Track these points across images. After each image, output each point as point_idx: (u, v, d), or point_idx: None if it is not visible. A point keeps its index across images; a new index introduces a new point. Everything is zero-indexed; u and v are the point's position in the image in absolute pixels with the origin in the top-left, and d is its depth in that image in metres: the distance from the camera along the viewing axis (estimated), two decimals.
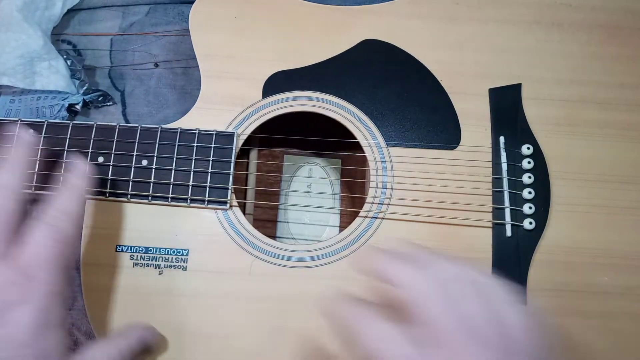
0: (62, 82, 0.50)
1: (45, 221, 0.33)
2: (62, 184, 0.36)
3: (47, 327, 0.31)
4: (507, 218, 0.42)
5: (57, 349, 0.31)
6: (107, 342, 0.36)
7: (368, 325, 0.29)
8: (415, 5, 0.46)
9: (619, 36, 0.46)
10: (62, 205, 0.34)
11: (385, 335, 0.28)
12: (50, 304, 0.32)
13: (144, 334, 0.37)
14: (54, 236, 0.33)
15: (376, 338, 0.28)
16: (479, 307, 0.28)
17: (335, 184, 0.52)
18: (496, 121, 0.44)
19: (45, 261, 0.32)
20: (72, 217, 0.34)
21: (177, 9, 0.55)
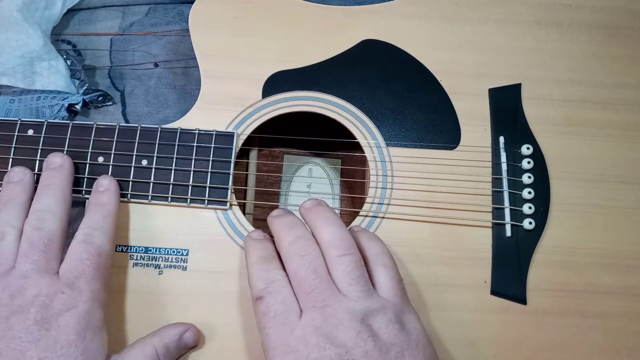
0: (62, 82, 0.50)
1: (79, 239, 0.38)
2: (90, 203, 0.40)
3: (90, 329, 0.35)
4: (507, 218, 0.42)
5: (100, 348, 0.35)
6: (143, 342, 0.38)
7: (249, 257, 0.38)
8: (415, 5, 0.46)
9: (619, 36, 0.46)
10: (93, 222, 0.39)
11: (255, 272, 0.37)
12: (92, 309, 0.36)
13: (180, 331, 0.38)
14: (89, 250, 0.37)
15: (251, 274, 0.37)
16: None
17: (335, 184, 0.52)
18: (496, 121, 0.44)
19: (84, 272, 0.36)
20: (102, 231, 0.39)
21: (177, 9, 0.55)
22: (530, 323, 0.41)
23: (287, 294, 0.35)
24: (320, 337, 0.33)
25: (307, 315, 0.34)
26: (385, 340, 0.33)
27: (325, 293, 0.34)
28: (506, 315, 0.41)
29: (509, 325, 0.41)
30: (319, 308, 0.34)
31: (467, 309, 0.41)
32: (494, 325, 0.41)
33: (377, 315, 0.34)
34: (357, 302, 0.34)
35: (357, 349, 0.32)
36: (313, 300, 0.34)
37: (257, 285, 0.36)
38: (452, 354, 0.40)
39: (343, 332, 0.33)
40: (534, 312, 0.41)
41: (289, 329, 0.34)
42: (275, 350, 0.34)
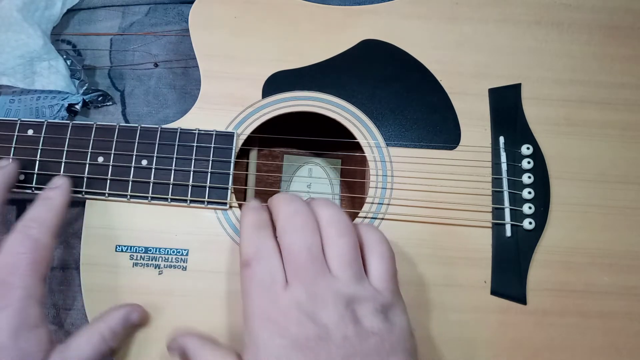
0: (62, 82, 0.50)
1: (17, 230, 0.36)
2: (37, 197, 0.39)
3: (25, 328, 0.34)
4: (507, 218, 0.42)
5: (38, 346, 0.34)
6: (88, 328, 0.37)
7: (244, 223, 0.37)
8: (415, 5, 0.46)
9: (619, 36, 0.46)
10: (34, 214, 0.38)
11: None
12: (26, 306, 0.35)
13: (125, 313, 0.38)
14: (25, 243, 0.36)
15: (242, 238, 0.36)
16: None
17: (335, 184, 0.52)
18: (496, 121, 0.44)
19: (18, 267, 0.35)
20: (45, 225, 0.37)
21: (177, 9, 0.55)
22: (530, 323, 0.41)
23: (275, 264, 0.34)
24: (302, 314, 0.32)
25: (292, 290, 0.33)
26: (366, 328, 0.32)
27: (315, 271, 0.34)
28: (506, 315, 0.41)
29: (509, 325, 0.41)
30: (307, 285, 0.33)
31: (467, 309, 0.41)
32: (494, 325, 0.41)
33: (364, 303, 0.33)
34: (346, 285, 0.33)
35: (337, 331, 0.32)
36: (302, 276, 0.33)
37: (246, 250, 0.35)
38: (452, 354, 0.40)
39: (326, 313, 0.32)
40: (534, 312, 0.41)
41: (272, 298, 0.33)
42: (255, 317, 0.33)
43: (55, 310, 0.49)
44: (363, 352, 0.32)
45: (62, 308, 0.49)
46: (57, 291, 0.49)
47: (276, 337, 0.32)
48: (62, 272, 0.50)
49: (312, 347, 0.31)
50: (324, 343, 0.31)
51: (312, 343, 0.31)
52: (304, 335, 0.32)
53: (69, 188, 0.40)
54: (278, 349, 0.32)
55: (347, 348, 0.31)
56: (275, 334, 0.32)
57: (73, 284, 0.49)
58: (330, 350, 0.31)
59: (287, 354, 0.31)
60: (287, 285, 0.34)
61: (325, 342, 0.31)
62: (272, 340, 0.32)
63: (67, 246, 0.50)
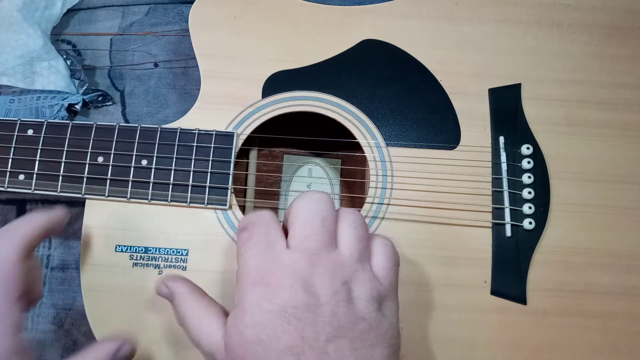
0: (62, 82, 0.50)
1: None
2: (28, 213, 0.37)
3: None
4: (507, 218, 0.42)
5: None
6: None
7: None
8: (415, 5, 0.46)
9: (619, 36, 0.46)
10: (11, 226, 0.35)
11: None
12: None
13: (113, 348, 0.36)
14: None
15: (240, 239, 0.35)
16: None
17: (335, 184, 0.52)
18: (496, 121, 0.44)
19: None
20: (16, 237, 0.35)
21: (177, 9, 0.55)
22: (530, 323, 0.41)
23: (273, 228, 0.34)
24: (295, 280, 0.31)
25: (292, 255, 0.32)
26: (358, 312, 0.32)
27: (323, 242, 0.33)
28: (506, 315, 0.41)
29: (509, 325, 0.41)
30: (309, 253, 0.32)
31: (467, 309, 0.41)
32: (493, 325, 0.41)
33: (361, 286, 0.32)
34: (348, 263, 0.33)
35: (327, 306, 0.31)
36: (307, 244, 0.33)
37: (245, 218, 0.35)
38: (452, 354, 0.40)
39: (321, 285, 0.31)
40: (534, 312, 0.41)
41: (266, 260, 0.32)
42: (246, 278, 0.32)
43: (55, 310, 0.49)
44: (348, 336, 0.31)
45: (62, 308, 0.49)
46: (57, 291, 0.49)
47: (264, 301, 0.31)
48: (62, 272, 0.50)
49: (299, 317, 0.30)
50: (311, 315, 0.31)
51: (300, 313, 0.30)
52: (293, 302, 0.31)
53: (60, 214, 0.38)
54: (264, 314, 0.31)
55: (334, 326, 0.31)
56: (263, 298, 0.31)
57: (73, 284, 0.49)
58: (316, 325, 0.30)
59: (271, 320, 0.31)
60: (288, 249, 0.33)
61: (313, 314, 0.31)
62: (259, 304, 0.31)
63: (67, 246, 0.50)
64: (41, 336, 0.48)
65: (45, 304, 0.49)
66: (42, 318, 0.49)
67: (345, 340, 0.31)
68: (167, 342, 0.40)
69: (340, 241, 0.34)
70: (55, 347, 0.48)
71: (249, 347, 0.31)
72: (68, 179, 0.42)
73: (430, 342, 0.40)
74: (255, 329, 0.31)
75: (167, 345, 0.40)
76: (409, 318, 0.41)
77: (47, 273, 0.50)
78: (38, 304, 0.49)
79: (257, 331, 0.31)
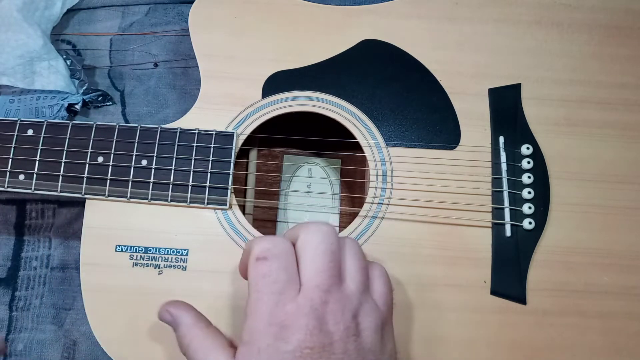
0: (62, 82, 0.50)
1: None
2: None
3: None
4: (507, 218, 0.42)
5: None
6: None
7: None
8: (414, 5, 0.46)
9: (619, 36, 0.46)
10: None
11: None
12: None
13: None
14: None
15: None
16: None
17: (334, 184, 0.52)
18: (496, 121, 0.44)
19: None
20: None
21: (177, 9, 0.55)
22: (530, 323, 0.41)
23: (291, 263, 0.33)
24: (311, 320, 0.31)
25: (307, 293, 0.32)
26: (365, 344, 0.32)
27: (334, 278, 0.33)
28: (506, 315, 0.41)
29: (509, 325, 0.41)
30: (323, 290, 0.32)
31: (466, 309, 0.41)
32: (493, 325, 0.41)
33: (367, 317, 0.33)
34: (355, 296, 0.33)
35: (340, 343, 0.31)
36: (320, 280, 0.33)
37: (262, 244, 0.34)
38: (452, 354, 0.40)
39: (334, 322, 0.32)
40: (534, 312, 0.41)
41: (283, 300, 0.32)
42: (259, 317, 0.32)
43: (55, 310, 0.49)
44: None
45: (62, 308, 0.49)
46: (57, 291, 0.49)
47: (280, 343, 0.31)
48: (62, 272, 0.50)
49: (314, 357, 0.31)
50: (325, 354, 0.31)
51: (315, 353, 0.31)
52: (309, 343, 0.31)
53: None
54: (280, 355, 0.31)
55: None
56: (280, 339, 0.31)
57: (73, 284, 0.49)
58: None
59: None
60: (302, 288, 0.33)
61: (327, 352, 0.31)
62: (275, 344, 0.31)
63: (67, 246, 0.50)
64: (41, 336, 0.48)
65: (45, 304, 0.49)
66: (42, 318, 0.49)
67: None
68: (168, 342, 0.40)
69: (346, 275, 0.34)
70: (55, 347, 0.48)
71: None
72: (68, 179, 0.42)
73: (430, 342, 0.40)
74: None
75: (168, 344, 0.40)
76: (409, 318, 0.41)
77: (47, 273, 0.50)
78: (38, 304, 0.49)
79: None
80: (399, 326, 0.40)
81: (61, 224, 0.51)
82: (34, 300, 0.49)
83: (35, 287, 0.49)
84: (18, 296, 0.49)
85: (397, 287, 0.41)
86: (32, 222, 0.51)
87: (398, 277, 0.41)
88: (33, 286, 0.50)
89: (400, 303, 0.41)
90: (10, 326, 0.49)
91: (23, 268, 0.50)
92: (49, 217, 0.51)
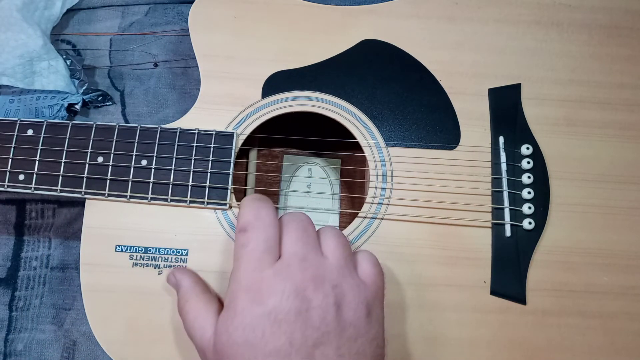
0: (62, 82, 0.50)
1: None
2: None
3: None
4: (507, 218, 0.42)
5: None
6: None
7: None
8: (414, 5, 0.46)
9: (619, 36, 0.46)
10: None
11: None
12: None
13: None
14: None
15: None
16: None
17: (334, 184, 0.52)
18: (495, 121, 0.44)
19: None
20: None
21: (177, 9, 0.55)
22: (530, 323, 0.41)
23: (272, 235, 0.34)
24: (288, 284, 0.32)
25: (285, 260, 0.33)
26: (346, 317, 0.32)
27: (310, 246, 0.34)
28: (506, 315, 0.41)
29: (509, 325, 0.41)
30: (301, 259, 0.33)
31: (466, 309, 0.41)
32: (493, 325, 0.41)
33: (350, 291, 0.33)
34: (336, 269, 0.34)
35: (317, 310, 0.31)
36: (298, 249, 0.34)
37: (245, 216, 0.35)
38: (452, 354, 0.40)
39: (313, 289, 0.32)
40: (534, 312, 0.41)
41: (260, 267, 0.33)
42: (238, 284, 0.33)
43: (55, 310, 0.49)
44: (335, 342, 0.31)
45: (62, 308, 0.49)
46: (57, 291, 0.49)
47: (255, 306, 0.32)
48: (62, 272, 0.50)
49: (289, 321, 0.31)
50: (301, 320, 0.31)
51: (290, 317, 0.31)
52: (285, 307, 0.31)
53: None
54: (254, 318, 0.31)
55: (322, 332, 0.31)
56: (255, 302, 0.32)
57: (73, 284, 0.49)
58: (305, 329, 0.31)
59: (261, 324, 0.31)
60: (280, 256, 0.34)
61: (303, 319, 0.31)
62: (250, 307, 0.32)
63: (67, 246, 0.50)
64: (41, 336, 0.48)
65: (45, 304, 0.49)
66: (42, 318, 0.49)
67: (332, 346, 0.31)
68: (168, 342, 0.40)
69: (326, 249, 0.35)
70: (55, 347, 0.48)
71: (236, 349, 0.31)
72: (68, 179, 0.42)
73: (429, 342, 0.40)
74: (244, 332, 0.31)
75: (168, 344, 0.40)
76: (409, 318, 0.41)
77: (47, 273, 0.50)
78: (38, 304, 0.49)
79: (245, 333, 0.31)
80: (398, 326, 0.40)
81: (61, 224, 0.51)
82: (33, 300, 0.49)
83: (35, 287, 0.49)
84: (18, 296, 0.49)
85: (397, 287, 0.41)
86: (32, 222, 0.51)
87: (398, 277, 0.41)
88: (33, 286, 0.50)
89: (399, 303, 0.41)
90: (10, 326, 0.49)
91: (23, 268, 0.50)
92: (49, 217, 0.51)
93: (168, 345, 0.40)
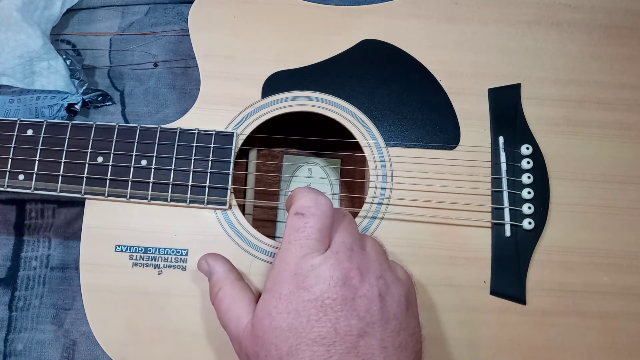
0: (62, 82, 0.50)
1: None
2: None
3: None
4: (507, 218, 0.42)
5: None
6: None
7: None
8: (414, 5, 0.46)
9: (619, 36, 0.46)
10: None
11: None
12: None
13: None
14: None
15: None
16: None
17: (334, 184, 0.52)
18: (495, 121, 0.44)
19: None
20: None
21: (177, 9, 0.55)
22: (530, 323, 0.41)
23: (327, 225, 0.34)
24: (335, 272, 0.32)
25: (334, 248, 0.33)
26: (390, 309, 0.32)
27: (356, 239, 0.35)
28: (505, 315, 0.41)
29: (508, 325, 0.41)
30: (348, 247, 0.33)
31: (466, 309, 0.41)
32: (493, 325, 0.41)
33: (392, 284, 0.33)
34: (378, 261, 0.34)
35: (363, 299, 0.32)
36: (345, 238, 0.34)
37: (304, 200, 0.35)
38: (451, 354, 0.40)
39: (359, 278, 0.32)
40: (534, 312, 0.41)
41: (311, 254, 0.33)
42: (285, 265, 0.33)
43: (54, 311, 0.49)
44: (379, 334, 0.31)
45: (62, 308, 0.49)
46: (56, 291, 0.49)
47: (302, 291, 0.32)
48: (62, 272, 0.50)
49: (335, 308, 0.31)
50: (347, 308, 0.31)
51: (337, 304, 0.31)
52: (332, 294, 0.31)
53: None
54: (300, 303, 0.31)
55: (367, 322, 0.31)
56: (302, 288, 0.32)
57: (73, 284, 0.49)
58: (350, 318, 0.31)
59: (307, 309, 0.31)
60: (330, 246, 0.34)
61: (349, 307, 0.31)
62: (297, 292, 0.32)
63: (67, 246, 0.50)
64: (41, 336, 0.48)
65: (45, 304, 0.49)
66: (42, 318, 0.49)
67: (376, 338, 0.31)
68: (168, 342, 0.40)
69: (366, 244, 0.35)
70: (54, 347, 0.48)
71: (279, 334, 0.31)
72: (68, 179, 0.42)
73: (429, 342, 0.40)
74: (289, 316, 0.31)
75: (168, 344, 0.40)
76: None
77: (47, 273, 0.50)
78: (38, 304, 0.49)
79: (290, 318, 0.31)
80: None
81: (61, 224, 0.51)
82: (33, 300, 0.49)
83: (34, 287, 0.49)
84: (18, 296, 0.49)
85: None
86: (31, 222, 0.51)
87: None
88: (33, 286, 0.50)
89: None
90: (9, 326, 0.49)
91: (23, 268, 0.50)
92: (49, 217, 0.51)
93: (168, 345, 0.40)
